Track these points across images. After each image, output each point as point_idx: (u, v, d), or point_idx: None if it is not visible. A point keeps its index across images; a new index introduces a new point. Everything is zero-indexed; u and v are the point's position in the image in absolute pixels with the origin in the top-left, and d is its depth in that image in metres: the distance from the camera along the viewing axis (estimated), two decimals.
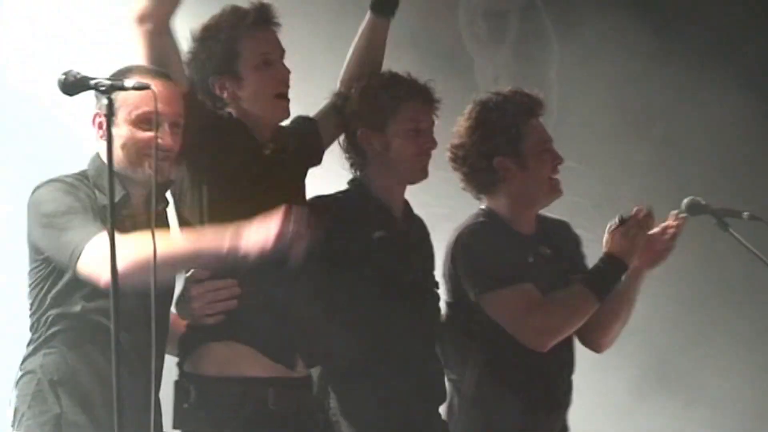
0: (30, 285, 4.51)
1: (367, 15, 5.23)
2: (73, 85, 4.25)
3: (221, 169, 4.77)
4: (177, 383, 4.58)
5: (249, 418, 4.52)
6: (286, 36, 4.99)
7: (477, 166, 5.19)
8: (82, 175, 4.64)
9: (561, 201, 7.88)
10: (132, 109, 4.67)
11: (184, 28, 6.28)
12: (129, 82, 4.30)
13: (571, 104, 8.65)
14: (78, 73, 4.26)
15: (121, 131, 4.70)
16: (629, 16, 8.47)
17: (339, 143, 5.08)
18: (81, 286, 4.37)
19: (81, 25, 7.27)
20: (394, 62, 7.23)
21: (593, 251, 5.67)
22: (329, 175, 5.21)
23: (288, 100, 4.80)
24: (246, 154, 4.86)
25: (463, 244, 5.06)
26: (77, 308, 4.44)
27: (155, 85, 4.52)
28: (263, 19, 4.85)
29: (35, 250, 4.48)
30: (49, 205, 4.43)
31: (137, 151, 4.69)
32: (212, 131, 4.74)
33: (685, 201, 5.45)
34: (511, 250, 5.10)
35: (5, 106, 6.88)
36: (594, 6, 8.52)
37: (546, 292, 5.09)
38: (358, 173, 5.01)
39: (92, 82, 4.23)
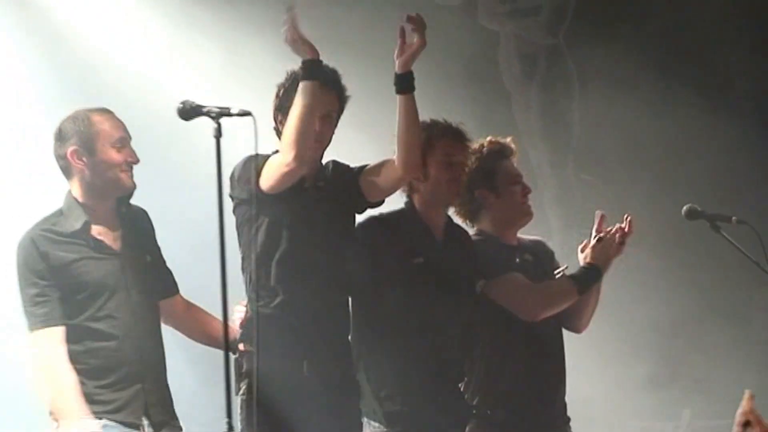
0: None
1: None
2: (189, 112, 5.00)
3: (274, 199, 5.46)
4: (236, 360, 5.42)
5: (287, 381, 5.37)
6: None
7: (463, 198, 6.00)
8: (58, 213, 5.39)
9: (580, 208, 9.14)
10: (110, 136, 5.40)
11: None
12: (233, 110, 4.95)
13: (590, 130, 9.53)
14: (193, 102, 5.00)
15: (99, 157, 5.36)
16: (638, 56, 9.25)
17: None
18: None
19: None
20: (448, 92, 8.51)
21: None
22: None
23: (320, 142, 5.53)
24: (292, 187, 5.49)
25: None
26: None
27: (112, 118, 5.41)
28: (331, 80, 5.53)
29: None
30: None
31: (117, 168, 5.40)
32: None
33: (684, 208, 6.15)
34: (501, 253, 5.96)
35: None
36: (607, 48, 9.23)
37: None
38: (408, 197, 5.78)
39: (204, 109, 4.95)
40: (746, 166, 9.12)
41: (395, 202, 5.90)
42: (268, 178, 5.45)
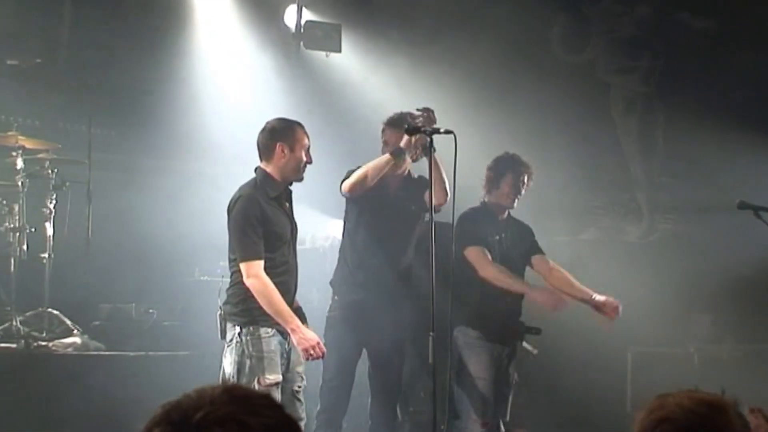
0: None
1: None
2: (412, 130, 6.37)
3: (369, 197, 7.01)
4: None
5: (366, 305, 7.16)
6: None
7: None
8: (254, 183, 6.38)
9: (662, 200, 10.94)
10: (305, 143, 6.46)
11: None
12: (441, 129, 6.17)
13: (669, 148, 11.56)
14: (413, 123, 6.38)
15: (297, 154, 6.40)
16: (703, 98, 11.11)
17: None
18: None
19: None
20: (574, 122, 10.49)
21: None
22: None
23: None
24: (379, 194, 7.01)
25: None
26: None
27: (302, 130, 6.45)
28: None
29: None
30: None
31: (301, 165, 6.42)
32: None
33: (737, 201, 7.27)
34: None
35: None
36: (681, 94, 11.14)
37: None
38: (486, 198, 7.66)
39: (422, 128, 6.28)
40: None
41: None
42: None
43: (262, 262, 6.33)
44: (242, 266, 6.34)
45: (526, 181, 7.62)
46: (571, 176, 11.40)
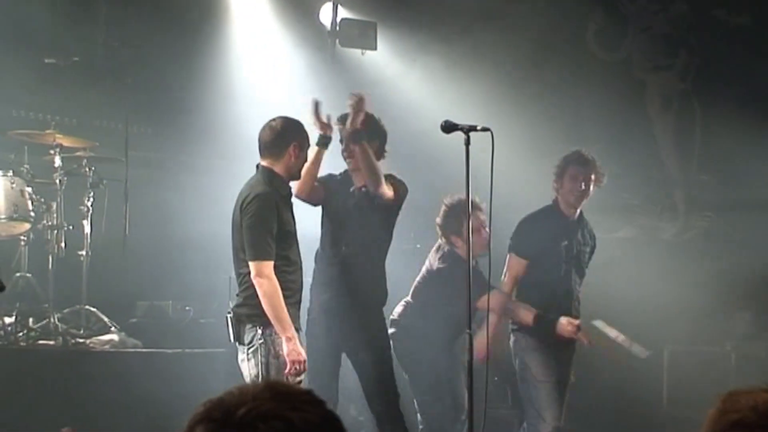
0: None
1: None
2: (449, 127, 5.91)
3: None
4: None
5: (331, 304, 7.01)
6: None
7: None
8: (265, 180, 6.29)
9: (698, 198, 10.80)
10: (309, 142, 6.49)
11: None
12: (478, 127, 5.84)
13: (707, 145, 11.54)
14: (450, 121, 5.94)
15: (305, 153, 6.46)
16: (742, 96, 10.93)
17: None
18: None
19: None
20: (612, 119, 10.49)
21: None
22: None
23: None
24: (344, 193, 6.98)
25: None
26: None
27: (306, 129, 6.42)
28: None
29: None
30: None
31: (303, 164, 6.46)
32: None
33: None
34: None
35: None
36: (719, 91, 11.05)
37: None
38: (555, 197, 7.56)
39: (458, 125, 5.88)
40: None
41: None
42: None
43: (272, 264, 6.30)
44: (253, 265, 6.31)
45: (593, 179, 7.49)
46: (607, 174, 11.07)
